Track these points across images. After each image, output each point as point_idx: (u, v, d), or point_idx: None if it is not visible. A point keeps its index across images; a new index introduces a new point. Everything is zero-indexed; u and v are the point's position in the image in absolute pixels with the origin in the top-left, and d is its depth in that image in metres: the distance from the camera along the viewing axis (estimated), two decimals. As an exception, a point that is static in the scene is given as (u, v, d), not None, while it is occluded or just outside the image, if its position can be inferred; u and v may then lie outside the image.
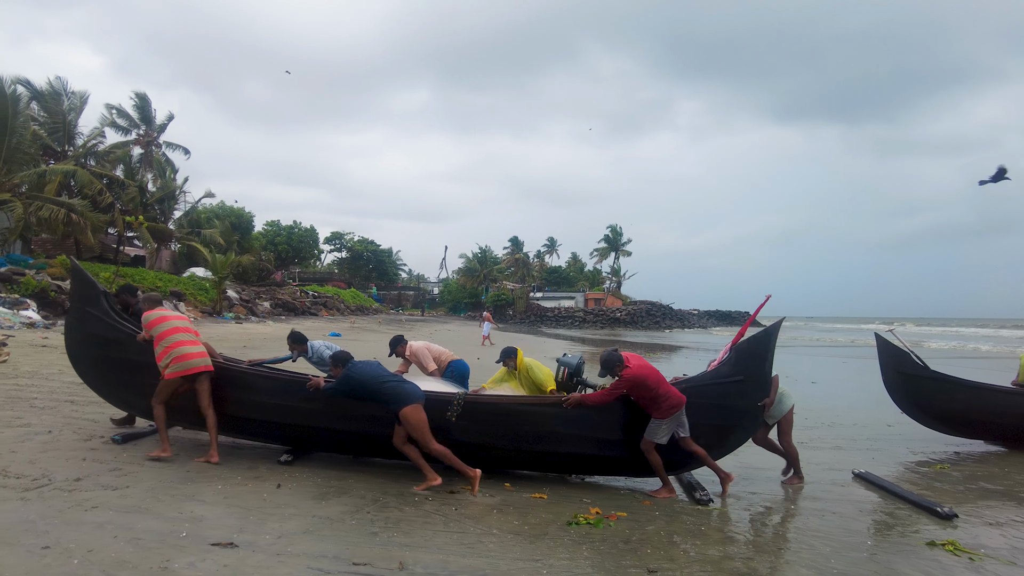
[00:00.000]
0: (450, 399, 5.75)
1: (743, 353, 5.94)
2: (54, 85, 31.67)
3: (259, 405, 6.06)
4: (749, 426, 6.03)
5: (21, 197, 24.75)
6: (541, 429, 5.79)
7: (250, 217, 55.39)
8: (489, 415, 5.81)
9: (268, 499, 4.84)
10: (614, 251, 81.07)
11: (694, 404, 5.76)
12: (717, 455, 6.01)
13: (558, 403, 5.81)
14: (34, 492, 4.62)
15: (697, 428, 5.75)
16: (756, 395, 5.84)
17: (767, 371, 5.88)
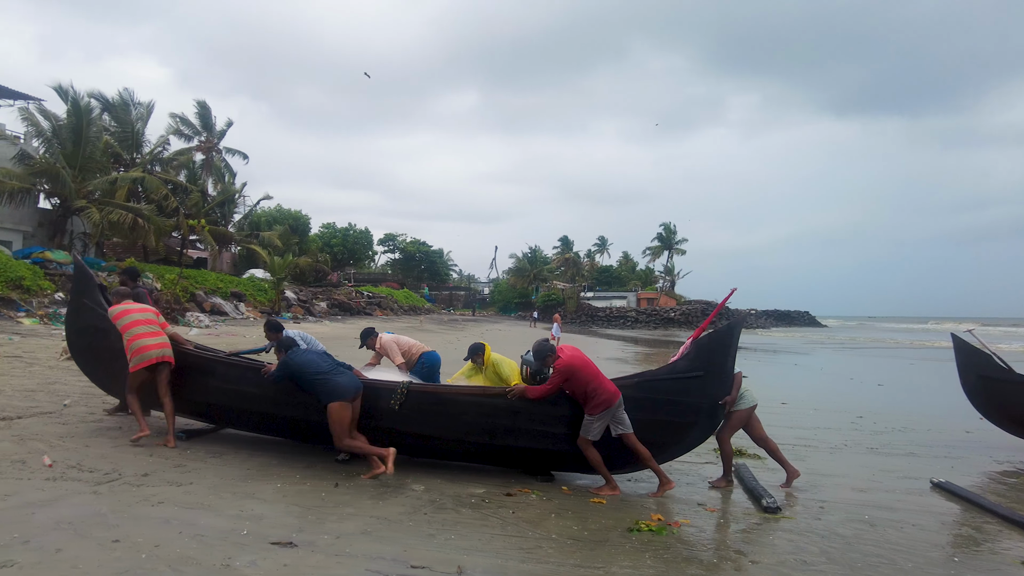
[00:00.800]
0: (394, 387, 5.75)
1: (703, 348, 5.73)
2: (123, 96, 33.15)
3: (221, 391, 6.28)
4: (708, 424, 5.78)
5: (95, 203, 25.95)
6: (484, 420, 5.68)
7: (307, 220, 56.80)
8: (432, 404, 5.77)
9: (326, 498, 4.85)
10: (667, 249, 79.77)
11: (647, 399, 5.59)
12: (675, 452, 5.84)
13: (502, 394, 5.70)
14: (105, 486, 4.75)
15: (651, 424, 5.56)
16: (716, 391, 5.61)
17: (729, 367, 5.67)
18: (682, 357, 5.87)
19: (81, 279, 7.01)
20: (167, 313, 23.07)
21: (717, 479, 6.27)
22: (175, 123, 40.60)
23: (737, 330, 5.85)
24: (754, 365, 23.28)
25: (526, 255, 78.32)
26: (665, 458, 5.84)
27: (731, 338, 5.75)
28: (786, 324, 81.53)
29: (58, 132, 26.75)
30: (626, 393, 5.58)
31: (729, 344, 5.69)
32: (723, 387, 5.68)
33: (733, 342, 5.73)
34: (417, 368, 7.24)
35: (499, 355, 6.78)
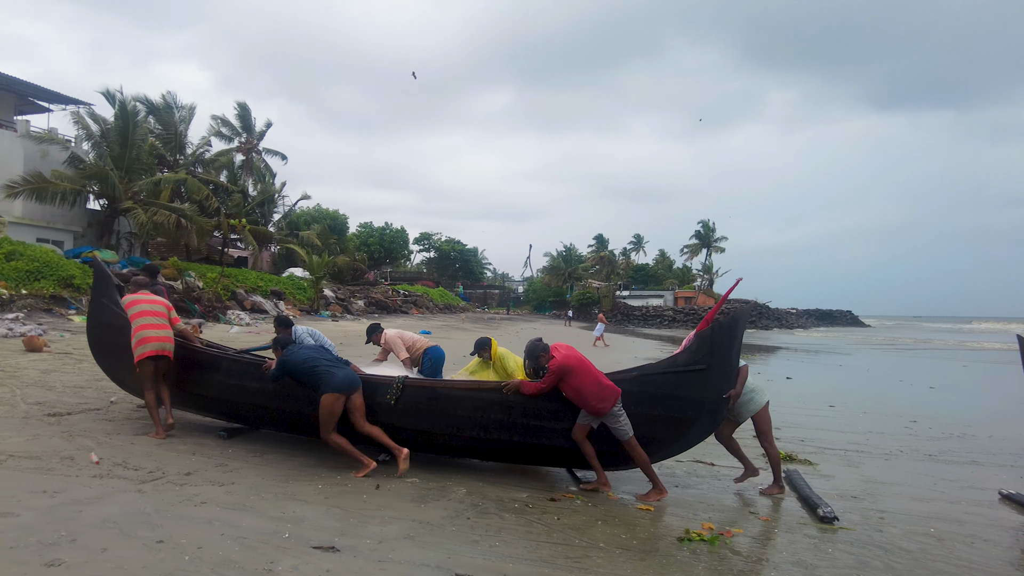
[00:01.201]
0: (389, 383, 5.71)
1: (706, 340, 5.39)
2: (167, 99, 33.98)
3: (225, 386, 6.39)
4: (710, 420, 5.49)
5: (141, 204, 26.61)
6: (479, 415, 5.57)
7: (344, 219, 57.52)
8: (427, 399, 5.71)
9: (367, 500, 4.77)
10: (706, 247, 78.51)
11: (646, 393, 5.35)
12: (675, 449, 5.59)
13: (496, 388, 5.59)
14: (149, 484, 4.76)
15: (649, 419, 5.31)
16: (719, 386, 5.33)
17: (732, 360, 5.37)
18: (684, 350, 5.63)
19: (100, 279, 7.24)
20: (208, 311, 23.56)
21: (769, 486, 6.02)
22: (216, 125, 41.50)
23: (742, 321, 5.59)
24: (796, 366, 22.71)
25: (561, 253, 77.98)
26: (665, 455, 5.67)
27: (735, 330, 5.48)
28: (828, 323, 79.58)
29: (106, 135, 27.53)
30: (624, 387, 5.39)
31: (733, 336, 5.42)
32: (727, 381, 5.42)
33: (737, 334, 5.47)
34: (424, 363, 7.27)
35: (505, 349, 6.76)
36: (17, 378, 8.90)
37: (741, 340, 5.46)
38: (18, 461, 5.14)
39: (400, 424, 5.71)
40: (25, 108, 31.24)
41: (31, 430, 6.14)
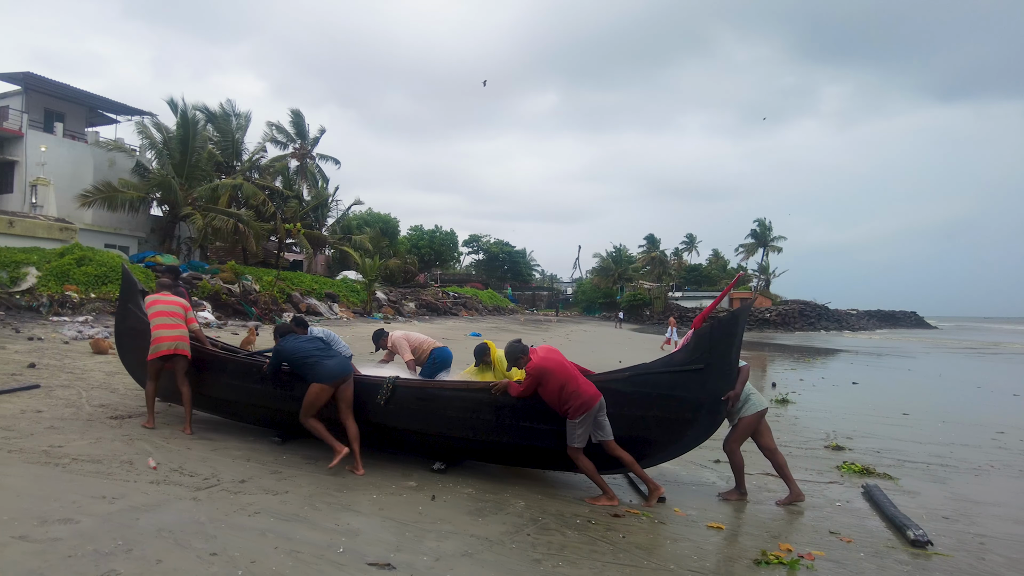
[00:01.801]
0: (381, 383, 5.69)
1: (704, 338, 5.11)
2: (224, 108, 35.00)
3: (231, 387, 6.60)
4: (709, 422, 5.20)
5: (200, 210, 27.42)
6: (468, 415, 5.48)
7: (396, 222, 58.17)
8: (416, 400, 5.65)
9: (423, 512, 4.60)
10: (762, 247, 76.28)
11: (641, 394, 5.09)
12: (672, 452, 5.32)
13: (486, 389, 5.48)
14: (204, 492, 4.70)
15: (644, 420, 5.12)
16: (718, 386, 5.02)
17: (733, 359, 5.07)
18: (681, 348, 5.35)
19: (126, 286, 7.56)
20: (265, 313, 24.05)
21: (729, 491, 5.70)
22: (271, 131, 42.47)
23: (742, 318, 5.26)
24: (861, 370, 21.72)
25: (610, 254, 77.04)
26: (661, 458, 5.45)
27: (735, 327, 5.18)
28: (890, 325, 76.29)
29: (168, 143, 28.49)
30: (617, 387, 5.18)
31: (733, 334, 5.14)
32: (726, 382, 5.12)
33: (737, 331, 5.18)
34: (428, 364, 7.20)
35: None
36: (84, 380, 9.13)
37: (741, 338, 5.24)
38: (81, 464, 5.17)
39: (391, 424, 5.72)
40: (95, 120, 32.69)
41: (95, 432, 6.22)
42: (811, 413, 11.09)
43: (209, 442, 6.21)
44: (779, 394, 12.86)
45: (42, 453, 5.42)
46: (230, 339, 16.26)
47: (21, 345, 12.16)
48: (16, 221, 23.90)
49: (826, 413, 11.17)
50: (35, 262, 18.93)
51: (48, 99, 29.51)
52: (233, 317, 22.64)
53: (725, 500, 5.59)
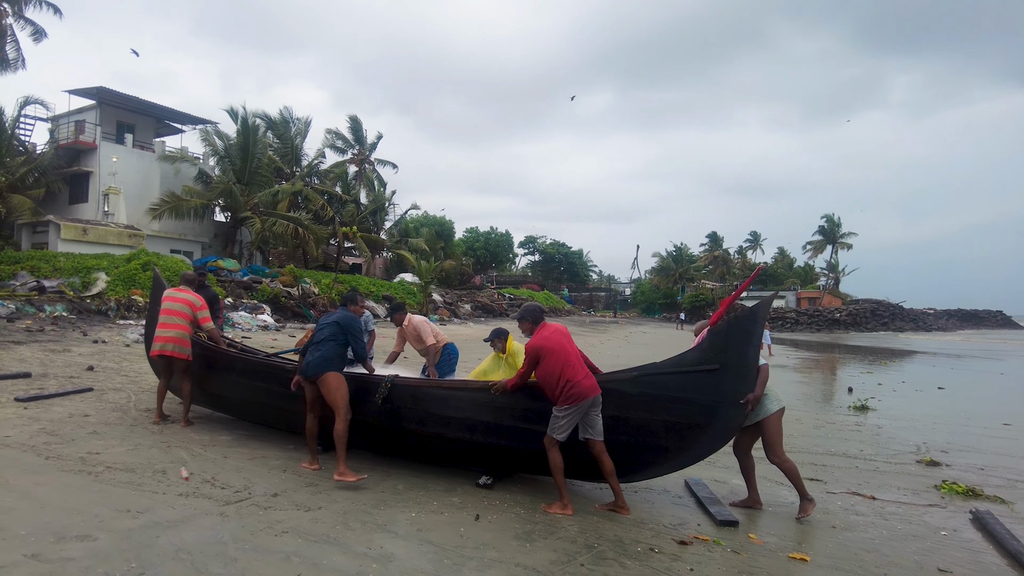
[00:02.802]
0: (378, 382, 5.54)
1: (719, 336, 4.54)
2: (284, 114, 35.73)
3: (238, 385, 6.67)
4: (724, 427, 4.60)
5: (259, 214, 27.96)
6: (465, 415, 5.24)
7: (451, 225, 58.38)
8: (412, 399, 5.46)
9: (465, 535, 4.14)
10: (831, 244, 72.94)
11: (649, 396, 4.60)
12: (684, 460, 4.75)
13: (484, 388, 5.18)
14: (233, 507, 4.39)
15: (652, 425, 4.66)
16: (735, 388, 4.46)
17: (751, 358, 4.51)
18: (695, 347, 4.76)
19: (155, 288, 7.64)
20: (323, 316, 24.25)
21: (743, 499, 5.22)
22: (330, 138, 43.19)
23: (761, 314, 4.64)
24: (945, 373, 20.15)
25: (671, 253, 75.19)
26: (672, 467, 4.91)
27: (753, 324, 4.60)
28: (973, 325, 71.80)
29: (229, 150, 29.20)
30: (622, 388, 4.72)
31: (751, 331, 4.58)
32: (744, 383, 4.55)
33: (757, 329, 4.62)
34: (443, 358, 7.24)
35: (520, 345, 6.10)
36: (136, 383, 9.13)
37: (761, 336, 4.70)
38: (113, 473, 4.96)
39: (388, 424, 5.57)
40: (162, 130, 33.91)
41: (135, 439, 6.06)
42: (895, 422, 10.13)
43: (248, 450, 5.95)
44: (857, 400, 11.87)
45: (78, 460, 5.26)
46: (288, 341, 16.32)
47: (86, 348, 12.42)
48: (89, 229, 24.89)
49: (912, 422, 10.19)
50: (105, 267, 19.57)
51: (120, 112, 30.73)
52: (292, 319, 22.92)
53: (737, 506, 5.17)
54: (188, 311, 6.70)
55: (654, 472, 4.98)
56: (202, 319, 6.74)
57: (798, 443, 7.93)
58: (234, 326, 18.41)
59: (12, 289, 17.71)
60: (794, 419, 9.64)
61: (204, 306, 6.81)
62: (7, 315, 15.04)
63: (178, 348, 6.66)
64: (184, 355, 6.69)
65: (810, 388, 15.85)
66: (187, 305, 6.72)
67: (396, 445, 5.81)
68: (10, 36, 29.78)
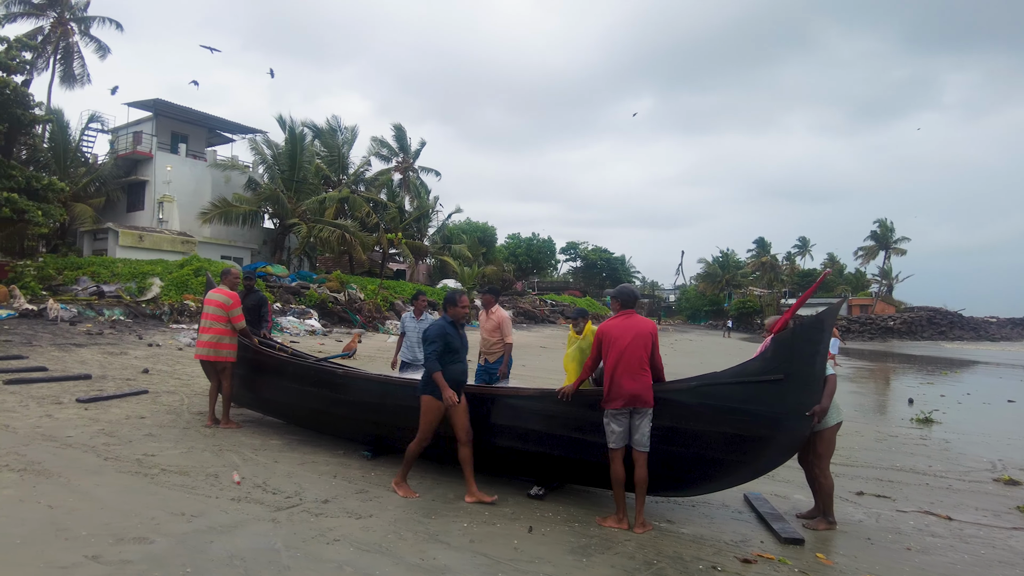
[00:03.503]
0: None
1: (784, 344, 4.34)
2: (330, 123, 36.38)
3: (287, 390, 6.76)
4: (789, 440, 4.30)
5: (307, 221, 28.47)
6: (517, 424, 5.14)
7: (493, 231, 58.55)
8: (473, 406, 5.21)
9: (519, 548, 4.02)
10: (884, 249, 70.47)
11: (708, 407, 4.45)
12: (745, 475, 4.54)
13: (537, 396, 5.12)
14: (285, 512, 4.36)
15: (710, 437, 4.45)
16: (800, 400, 4.18)
17: (818, 368, 4.21)
18: (757, 356, 4.52)
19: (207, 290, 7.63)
20: (369, 321, 24.51)
21: (815, 520, 4.91)
22: (375, 146, 43.75)
23: (828, 322, 4.31)
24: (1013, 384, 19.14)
25: (717, 259, 73.89)
26: (733, 481, 4.65)
27: (820, 332, 4.29)
28: (1039, 334, 68.24)
29: (278, 158, 29.86)
30: (681, 399, 4.50)
31: (818, 339, 4.27)
32: (810, 394, 4.25)
33: (824, 337, 4.30)
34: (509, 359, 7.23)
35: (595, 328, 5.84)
36: (189, 386, 9.30)
37: (828, 345, 4.37)
38: (168, 476, 5.01)
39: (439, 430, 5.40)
40: (214, 140, 34.92)
41: (188, 441, 6.13)
42: (964, 436, 9.61)
43: (298, 455, 5.95)
44: (920, 412, 11.33)
45: (135, 462, 5.33)
46: (335, 346, 16.51)
47: (141, 351, 12.76)
48: (145, 236, 25.73)
49: (984, 437, 9.64)
50: (159, 273, 20.16)
51: (174, 123, 31.77)
52: (339, 324, 23.21)
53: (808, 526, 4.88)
54: (221, 312, 6.75)
55: (714, 486, 4.78)
56: (234, 318, 6.76)
57: (860, 457, 7.58)
58: (282, 330, 18.72)
59: (75, 294, 18.37)
60: (853, 431, 9.24)
61: (236, 303, 6.82)
62: (70, 319, 15.58)
63: (213, 352, 6.74)
64: (220, 358, 6.75)
65: (865, 399, 15.24)
66: (219, 307, 6.77)
67: (445, 452, 5.72)
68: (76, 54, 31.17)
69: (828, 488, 4.89)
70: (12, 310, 15.41)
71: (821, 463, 4.86)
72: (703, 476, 4.66)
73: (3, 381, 8.48)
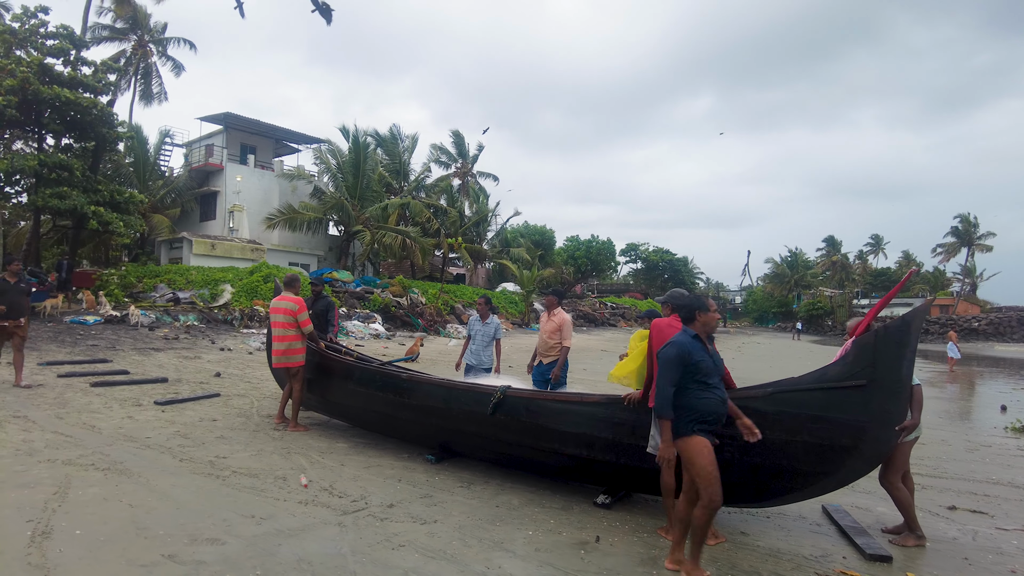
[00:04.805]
0: (491, 392, 5.37)
1: (867, 349, 3.94)
2: (392, 132, 37.09)
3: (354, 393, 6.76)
4: (872, 450, 3.95)
5: (370, 228, 29.07)
6: (580, 430, 4.95)
7: (551, 234, 58.36)
8: (526, 411, 5.24)
9: (586, 558, 3.90)
10: (966, 246, 66.43)
11: (787, 415, 4.14)
12: (825, 487, 4.23)
13: (600, 403, 4.91)
14: (351, 516, 4.38)
15: (788, 446, 4.13)
16: (885, 408, 3.84)
17: (904, 375, 3.81)
18: (837, 361, 4.16)
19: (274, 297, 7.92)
20: (430, 324, 24.79)
21: (902, 536, 4.61)
22: (435, 153, 44.34)
23: (916, 324, 3.91)
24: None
25: (785, 259, 71.35)
26: (812, 493, 4.33)
27: (906, 336, 3.90)
28: None
29: (342, 167, 30.61)
30: (755, 406, 4.16)
31: (904, 343, 3.89)
32: (895, 402, 3.92)
33: (910, 341, 3.91)
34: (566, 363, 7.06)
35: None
36: (259, 390, 9.57)
37: (915, 349, 4.01)
38: (239, 478, 5.12)
39: (498, 436, 5.46)
40: (281, 150, 36.15)
41: (257, 444, 6.27)
42: (1067, 446, 8.86)
43: (364, 458, 6.00)
44: (1016, 420, 10.55)
45: (208, 464, 5.48)
46: (398, 349, 16.75)
47: (214, 355, 13.26)
48: (216, 244, 26.81)
49: (1090, 448, 8.88)
50: (230, 280, 20.95)
51: (243, 135, 33.07)
52: (401, 328, 23.58)
53: (896, 542, 4.57)
54: (290, 319, 6.92)
55: (791, 498, 4.52)
56: (303, 322, 6.91)
57: (949, 468, 7.09)
58: (348, 334, 19.13)
59: (153, 300, 19.31)
60: (938, 439, 8.67)
61: (303, 308, 6.97)
62: (149, 324, 16.37)
63: (285, 358, 6.95)
64: (292, 363, 6.93)
65: (949, 405, 14.31)
66: (286, 313, 6.95)
67: (509, 457, 5.67)
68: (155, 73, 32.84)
69: (904, 500, 4.58)
70: (99, 316, 16.31)
71: (893, 477, 4.59)
72: (780, 487, 4.42)
73: (90, 384, 8.94)
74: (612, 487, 5.15)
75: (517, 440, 5.38)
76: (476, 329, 7.46)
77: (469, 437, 5.78)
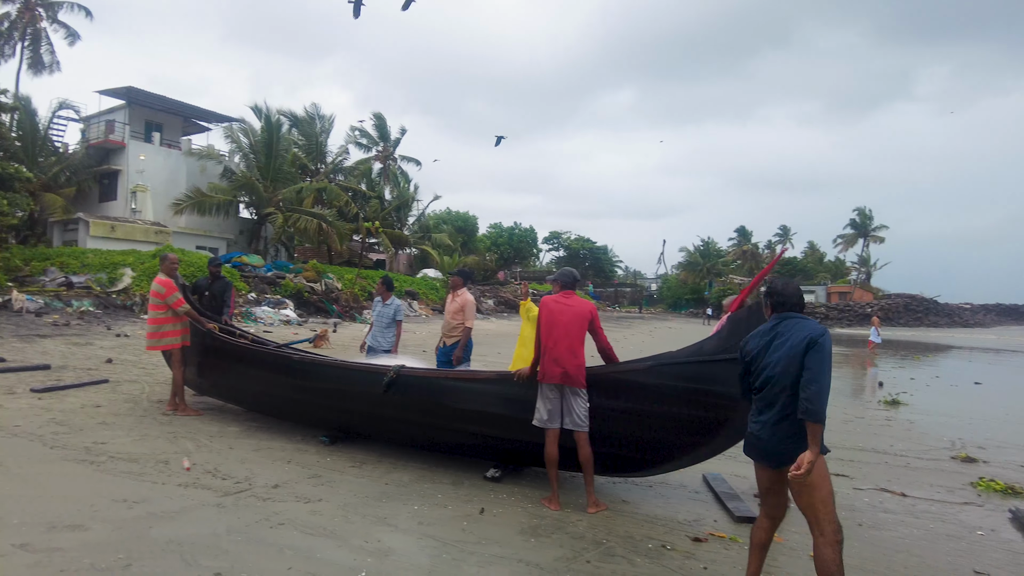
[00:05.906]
0: (385, 371, 5.34)
1: (740, 323, 4.21)
2: (308, 111, 35.94)
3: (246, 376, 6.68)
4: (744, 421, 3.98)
5: (283, 210, 28.14)
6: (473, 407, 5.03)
7: (474, 220, 58.39)
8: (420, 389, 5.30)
9: (468, 529, 3.97)
10: (863, 237, 71.18)
11: (665, 387, 4.41)
12: (702, 455, 4.57)
13: (493, 379, 5.06)
14: (232, 498, 4.27)
15: (665, 418, 4.42)
16: None
17: None
18: (714, 335, 4.51)
19: None
20: (346, 311, 24.32)
21: None
22: (354, 135, 43.33)
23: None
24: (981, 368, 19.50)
25: (698, 248, 74.19)
26: (689, 461, 4.68)
27: None
28: (1014, 320, 69.45)
29: (254, 147, 29.44)
30: (637, 379, 4.48)
31: None
32: None
33: None
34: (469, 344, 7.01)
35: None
36: (152, 375, 9.14)
37: None
38: (116, 463, 4.90)
39: (393, 415, 5.46)
40: (189, 129, 34.34)
41: (143, 429, 6.00)
42: (928, 417, 9.72)
43: (254, 441, 5.85)
44: (888, 394, 11.46)
45: (83, 450, 5.21)
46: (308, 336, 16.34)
47: (108, 341, 12.55)
48: (117, 226, 25.30)
49: (947, 417, 9.77)
50: (131, 263, 19.83)
51: (148, 111, 31.17)
52: (315, 314, 23.01)
53: None
54: (157, 301, 6.70)
55: (670, 466, 4.76)
56: (174, 303, 6.65)
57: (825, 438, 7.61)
58: (256, 320, 18.51)
59: (42, 285, 18.03)
60: (822, 414, 9.30)
61: (171, 289, 6.68)
62: (36, 310, 15.29)
63: (155, 341, 6.78)
64: (163, 346, 6.76)
65: (839, 383, 15.34)
66: (153, 296, 6.75)
67: (403, 435, 5.67)
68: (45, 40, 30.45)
69: None
70: (-25, 301, 15.09)
71: None
72: (662, 457, 4.64)
73: (-43, 372, 8.27)
74: (503, 461, 5.25)
75: (412, 418, 5.40)
76: (378, 311, 7.38)
77: (364, 417, 5.74)
